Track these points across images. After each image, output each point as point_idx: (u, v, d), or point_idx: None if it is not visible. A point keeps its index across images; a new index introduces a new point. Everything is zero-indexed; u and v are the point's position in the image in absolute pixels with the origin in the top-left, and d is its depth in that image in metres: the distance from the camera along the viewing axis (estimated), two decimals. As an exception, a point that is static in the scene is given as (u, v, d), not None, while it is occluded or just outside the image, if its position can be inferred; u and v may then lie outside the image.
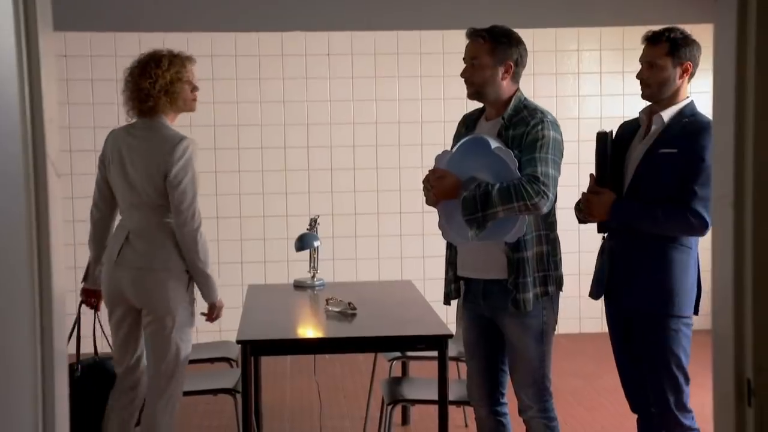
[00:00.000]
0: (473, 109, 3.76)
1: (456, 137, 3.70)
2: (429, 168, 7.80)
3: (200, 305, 3.95)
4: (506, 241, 3.38)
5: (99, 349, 4.14)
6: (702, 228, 3.28)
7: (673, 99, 3.44)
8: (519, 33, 3.56)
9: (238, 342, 3.75)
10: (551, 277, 3.49)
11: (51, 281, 1.41)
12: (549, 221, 3.49)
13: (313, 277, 4.92)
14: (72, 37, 6.68)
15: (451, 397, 3.92)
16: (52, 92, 1.43)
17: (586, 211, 3.50)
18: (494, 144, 3.36)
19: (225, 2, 6.84)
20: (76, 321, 4.06)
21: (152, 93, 3.78)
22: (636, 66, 3.54)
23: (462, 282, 3.64)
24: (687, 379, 3.43)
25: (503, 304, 3.45)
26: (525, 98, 3.52)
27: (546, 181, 3.27)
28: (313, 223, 4.97)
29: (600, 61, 7.17)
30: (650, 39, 3.46)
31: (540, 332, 3.47)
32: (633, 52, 7.04)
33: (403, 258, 7.06)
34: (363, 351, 4.38)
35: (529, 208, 3.27)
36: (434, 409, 3.81)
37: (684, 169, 3.31)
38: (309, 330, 4.18)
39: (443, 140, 6.96)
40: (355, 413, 5.24)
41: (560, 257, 3.57)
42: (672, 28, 3.46)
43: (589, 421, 5.18)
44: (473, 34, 3.49)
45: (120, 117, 6.82)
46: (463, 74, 3.53)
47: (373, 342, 4.01)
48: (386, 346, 4.27)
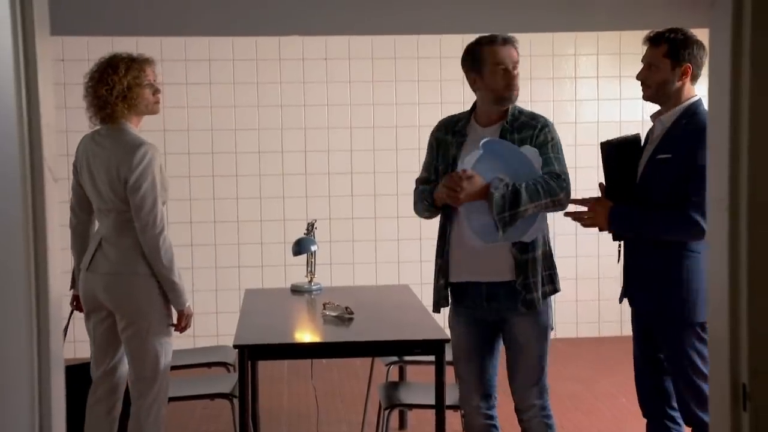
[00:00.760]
0: (449, 117, 3.76)
1: (438, 145, 3.68)
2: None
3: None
4: (524, 241, 3.43)
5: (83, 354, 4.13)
6: (699, 233, 3.22)
7: (676, 101, 3.38)
8: (516, 37, 3.56)
9: (235, 346, 3.74)
10: (556, 275, 3.58)
11: (47, 284, 1.41)
12: (547, 221, 3.55)
13: (311, 282, 4.92)
14: (69, 41, 6.69)
15: (449, 402, 3.91)
16: (49, 96, 1.43)
17: (589, 222, 3.47)
18: (514, 146, 3.44)
19: (222, 6, 6.85)
20: (66, 327, 4.06)
21: (110, 100, 3.73)
22: (632, 70, 3.53)
23: (449, 289, 3.61)
24: (704, 377, 3.28)
25: (511, 305, 3.48)
26: (517, 104, 3.58)
27: (567, 179, 3.44)
28: (311, 228, 4.97)
29: (597, 66, 7.18)
30: (651, 40, 3.43)
31: (545, 330, 3.55)
32: (630, 57, 7.10)
33: (401, 262, 7.06)
34: (360, 355, 4.38)
35: (556, 205, 3.41)
36: (431, 414, 3.81)
37: (678, 174, 3.27)
38: (306, 334, 4.18)
39: (440, 144, 6.98)
40: (353, 418, 5.23)
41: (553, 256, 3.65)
42: (674, 29, 3.41)
43: (587, 426, 5.18)
44: (513, 43, 3.54)
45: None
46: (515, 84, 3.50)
47: (371, 346, 4.01)
48: (383, 351, 4.28)
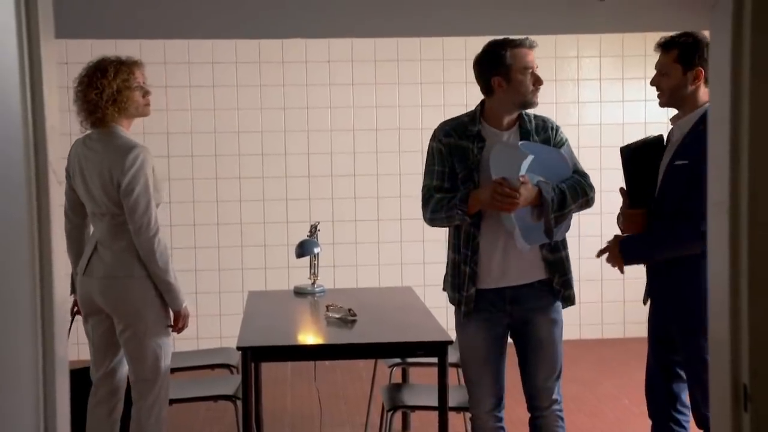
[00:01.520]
0: (452, 121, 3.80)
1: (452, 151, 3.72)
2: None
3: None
4: (557, 239, 3.48)
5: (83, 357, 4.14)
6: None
7: (693, 105, 3.32)
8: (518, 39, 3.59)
9: (239, 348, 3.75)
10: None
11: (52, 287, 1.42)
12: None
13: (314, 284, 4.93)
14: (73, 44, 6.70)
15: (452, 404, 3.91)
16: (54, 99, 1.44)
17: (612, 263, 3.49)
18: (550, 148, 3.52)
19: (226, 9, 6.86)
20: (68, 330, 4.06)
21: (100, 104, 3.72)
22: (635, 72, 3.55)
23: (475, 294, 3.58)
24: None
25: (538, 304, 3.54)
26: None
27: (589, 177, 3.57)
28: (314, 230, 4.98)
29: (600, 68, 7.17)
30: (662, 46, 3.38)
31: (562, 326, 3.63)
32: (632, 59, 7.10)
33: (404, 264, 7.06)
34: (363, 357, 4.38)
35: (589, 203, 3.54)
36: (435, 416, 3.81)
37: (693, 181, 3.16)
38: (309, 336, 4.18)
39: (443, 147, 6.98)
40: (356, 420, 5.24)
41: None
42: (685, 34, 3.35)
43: (589, 427, 5.18)
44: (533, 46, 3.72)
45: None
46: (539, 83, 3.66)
47: (374, 348, 4.02)
48: (386, 353, 4.29)
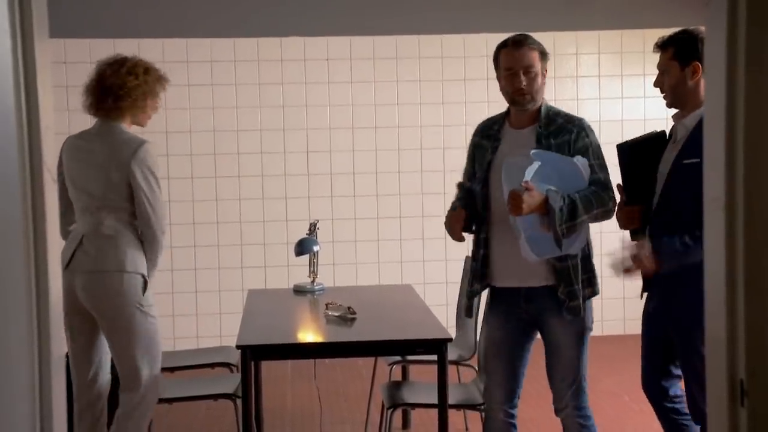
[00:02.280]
0: (486, 120, 3.68)
1: (475, 151, 3.62)
2: (428, 173, 7.71)
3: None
4: (571, 253, 3.37)
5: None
6: None
7: (696, 101, 3.24)
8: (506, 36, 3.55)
9: (238, 347, 3.75)
10: (595, 277, 3.52)
11: (48, 285, 1.42)
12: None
13: (313, 282, 4.93)
14: (71, 44, 6.70)
15: (451, 401, 3.91)
16: (48, 99, 1.44)
17: (638, 270, 3.30)
18: (565, 156, 3.36)
19: (224, 8, 6.86)
20: None
21: (130, 94, 3.75)
22: (634, 69, 3.56)
23: (480, 290, 3.60)
24: None
25: (548, 305, 3.46)
26: (550, 104, 3.54)
27: (612, 187, 3.40)
28: (313, 228, 4.98)
29: (598, 65, 7.17)
30: (660, 46, 3.35)
31: (582, 331, 3.50)
32: (631, 56, 7.10)
33: (403, 262, 7.06)
34: (362, 355, 4.38)
35: (608, 215, 3.39)
36: (435, 413, 3.81)
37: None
38: (308, 334, 4.18)
39: (442, 144, 6.98)
40: (356, 417, 5.24)
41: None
42: (681, 31, 3.32)
43: (590, 424, 5.18)
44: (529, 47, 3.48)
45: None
46: (524, 87, 3.46)
47: (373, 346, 4.01)
48: (386, 350, 4.28)
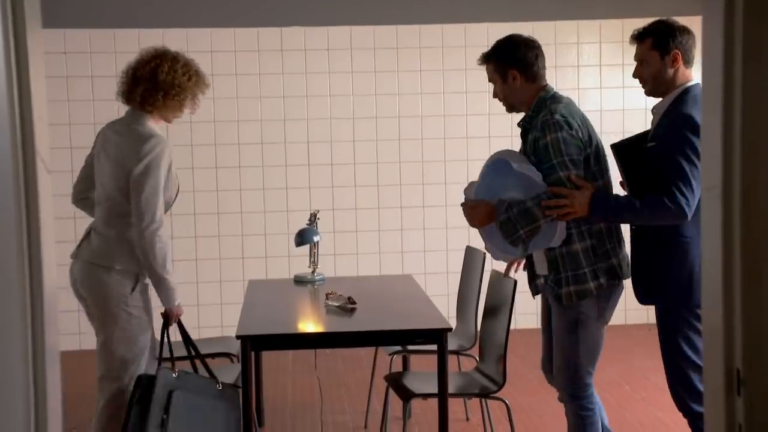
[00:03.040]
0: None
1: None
2: (429, 163, 7.71)
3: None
4: (553, 246, 3.47)
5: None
6: (679, 215, 3.22)
7: (670, 90, 3.41)
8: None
9: (238, 337, 3.75)
10: (599, 270, 3.49)
11: (42, 277, 1.41)
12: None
13: (313, 272, 4.93)
14: (71, 34, 6.69)
15: (452, 390, 3.92)
16: (41, 89, 1.43)
17: (569, 207, 3.40)
18: (514, 164, 3.48)
19: (224, -2, 6.85)
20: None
21: (155, 86, 3.71)
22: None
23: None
24: (693, 366, 3.31)
25: (549, 293, 3.60)
26: (551, 95, 3.60)
27: (570, 186, 3.41)
28: (313, 218, 4.97)
29: (600, 54, 7.15)
30: (636, 37, 3.47)
31: (574, 322, 3.51)
32: (633, 45, 7.07)
33: (404, 252, 7.06)
34: (362, 345, 4.39)
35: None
36: (435, 402, 3.82)
37: (659, 164, 3.28)
38: (308, 325, 4.19)
39: (443, 134, 6.97)
40: (357, 408, 5.25)
41: (614, 245, 3.54)
42: (657, 21, 3.45)
43: (590, 414, 5.18)
44: (482, 62, 3.70)
45: (119, 113, 6.83)
46: (495, 96, 3.71)
47: (373, 336, 4.02)
48: (386, 340, 4.29)
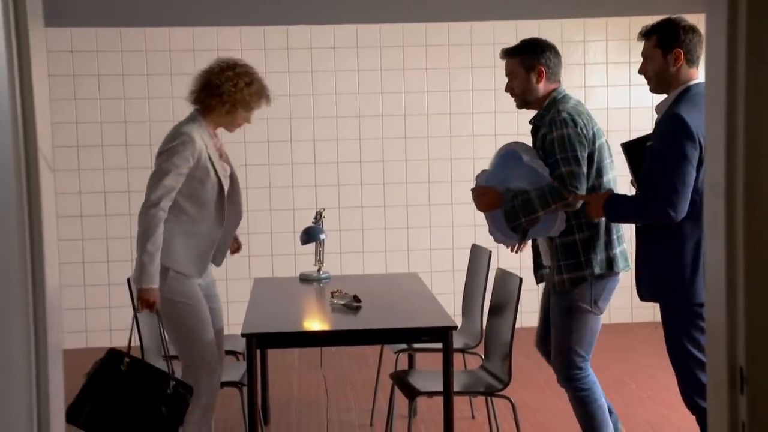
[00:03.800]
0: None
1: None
2: (435, 161, 7.72)
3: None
4: (552, 236, 3.76)
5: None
6: (664, 216, 3.25)
7: (673, 88, 3.43)
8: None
9: (243, 335, 3.76)
10: (595, 260, 3.72)
11: (44, 274, 1.42)
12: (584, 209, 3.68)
13: (319, 270, 4.93)
14: (78, 33, 6.70)
15: (457, 388, 3.92)
16: (44, 86, 1.44)
17: (586, 211, 3.58)
18: (525, 157, 3.76)
19: (230, -4, 6.85)
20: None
21: (225, 98, 3.93)
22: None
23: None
24: (698, 363, 3.30)
25: (548, 281, 3.91)
26: (560, 96, 3.83)
27: (572, 180, 3.65)
28: (319, 216, 4.98)
29: (606, 52, 7.14)
30: (643, 34, 3.54)
31: (568, 309, 3.75)
32: (639, 43, 7.05)
33: (410, 251, 7.06)
34: (368, 343, 4.40)
35: (566, 207, 3.67)
36: (441, 400, 3.82)
37: (654, 158, 3.33)
38: (314, 323, 4.19)
39: (449, 132, 6.97)
40: (363, 405, 5.25)
41: (611, 238, 3.75)
42: (665, 19, 3.50)
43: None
44: (507, 55, 3.92)
45: (126, 112, 6.85)
46: (506, 90, 3.95)
47: (379, 334, 4.02)
48: (391, 338, 4.29)
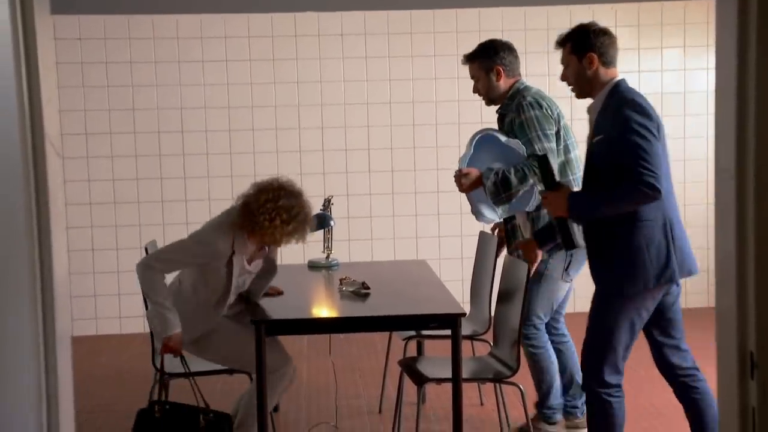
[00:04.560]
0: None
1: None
2: (443, 148, 7.71)
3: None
4: (528, 210, 4.13)
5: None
6: (653, 194, 3.29)
7: (600, 87, 3.55)
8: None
9: (252, 321, 3.77)
10: (569, 234, 3.83)
11: (51, 262, 1.42)
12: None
13: (328, 257, 4.93)
14: (86, 20, 6.70)
15: (466, 375, 3.93)
16: (51, 73, 1.43)
17: (548, 210, 3.68)
18: (502, 138, 4.14)
19: (238, -17, 6.84)
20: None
21: (258, 230, 3.90)
22: (651, 42, 3.59)
23: None
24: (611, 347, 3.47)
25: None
26: (522, 87, 4.25)
27: (548, 155, 3.85)
28: (327, 203, 4.98)
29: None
30: (558, 43, 3.69)
31: (540, 275, 4.19)
32: (649, 29, 7.03)
33: (419, 238, 7.06)
34: (376, 330, 4.40)
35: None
36: (449, 387, 3.82)
37: (614, 151, 3.36)
38: (323, 310, 4.19)
39: (457, 119, 6.95)
40: (371, 392, 5.26)
41: None
42: (576, 26, 3.64)
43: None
44: (465, 62, 4.33)
45: (134, 100, 6.85)
46: (473, 91, 4.38)
47: (387, 321, 4.02)
48: (399, 325, 4.29)
